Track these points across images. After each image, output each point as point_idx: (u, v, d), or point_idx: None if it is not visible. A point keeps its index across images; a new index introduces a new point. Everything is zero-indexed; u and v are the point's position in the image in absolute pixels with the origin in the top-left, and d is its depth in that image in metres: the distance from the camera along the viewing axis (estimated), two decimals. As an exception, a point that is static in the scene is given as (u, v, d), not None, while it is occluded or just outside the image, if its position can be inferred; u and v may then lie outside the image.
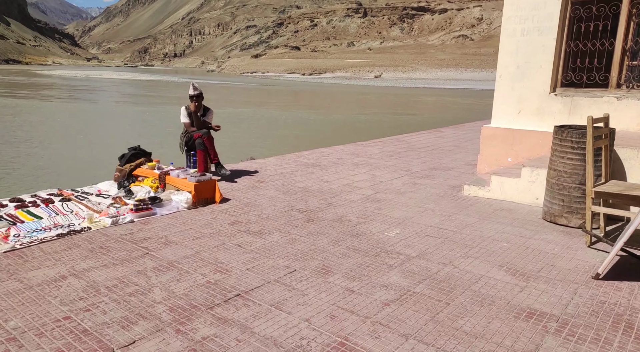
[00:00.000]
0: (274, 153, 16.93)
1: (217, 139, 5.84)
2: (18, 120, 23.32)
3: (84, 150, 15.63)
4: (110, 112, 29.98)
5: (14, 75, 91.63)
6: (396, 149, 8.03)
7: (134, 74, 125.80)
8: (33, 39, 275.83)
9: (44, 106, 32.01)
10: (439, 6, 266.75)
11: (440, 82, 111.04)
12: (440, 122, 26.95)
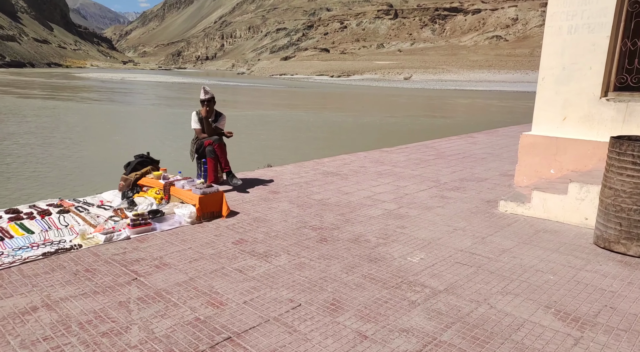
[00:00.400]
0: (300, 156, 16.59)
1: (243, 141, 5.53)
2: (55, 122, 24.00)
3: (114, 152, 15.79)
4: (144, 114, 30.50)
5: (55, 78, 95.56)
6: (424, 157, 7.48)
7: (167, 76, 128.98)
8: (74, 43, 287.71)
9: (81, 108, 32.93)
10: (472, 6, 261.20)
11: (472, 83, 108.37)
12: (472, 126, 25.91)
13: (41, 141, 17.05)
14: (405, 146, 8.62)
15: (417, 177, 5.95)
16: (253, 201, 4.66)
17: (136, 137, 19.40)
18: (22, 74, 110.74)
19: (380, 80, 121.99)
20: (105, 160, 13.78)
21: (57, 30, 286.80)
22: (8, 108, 30.50)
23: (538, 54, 61.92)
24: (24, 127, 21.75)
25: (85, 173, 12.14)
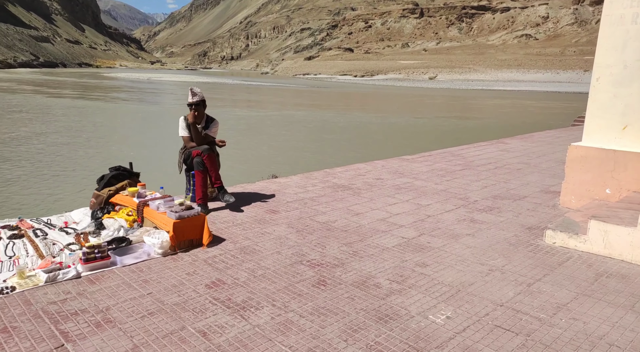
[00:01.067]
0: (322, 158, 15.86)
1: (264, 142, 4.82)
2: (83, 121, 24.07)
3: (137, 151, 15.48)
4: (167, 114, 30.46)
5: (85, 78, 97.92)
6: (449, 167, 6.62)
7: (192, 76, 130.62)
8: (104, 43, 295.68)
9: (108, 107, 33.16)
10: (501, 5, 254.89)
11: (500, 83, 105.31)
12: (502, 129, 24.54)
13: (68, 140, 16.91)
14: (429, 154, 7.75)
15: (442, 194, 5.11)
16: (245, 224, 3.94)
17: (155, 138, 19.10)
18: (54, 74, 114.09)
19: (405, 80, 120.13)
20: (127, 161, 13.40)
21: (88, 31, 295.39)
22: (39, 107, 30.96)
23: (569, 53, 59.38)
24: (52, 126, 21.83)
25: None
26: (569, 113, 35.53)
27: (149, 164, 13.42)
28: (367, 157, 16.36)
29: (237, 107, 37.62)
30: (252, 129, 23.24)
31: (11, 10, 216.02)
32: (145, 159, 13.90)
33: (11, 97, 39.90)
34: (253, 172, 12.59)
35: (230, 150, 16.23)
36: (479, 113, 35.91)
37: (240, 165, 14.27)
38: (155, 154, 15.32)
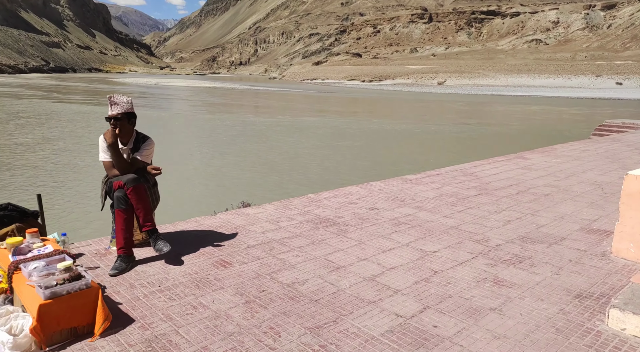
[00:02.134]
0: (332, 167, 14.73)
1: (274, 149, 3.71)
2: (89, 128, 23.29)
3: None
4: (175, 120, 29.65)
5: (91, 82, 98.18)
6: (461, 191, 5.45)
7: (200, 81, 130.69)
8: (114, 49, 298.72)
9: (95, 111, 32.50)
10: (511, 10, 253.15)
11: (510, 88, 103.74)
12: (519, 137, 23.22)
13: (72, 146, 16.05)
14: (436, 172, 6.58)
15: (453, 232, 3.95)
16: (176, 288, 2.81)
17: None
18: (63, 79, 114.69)
19: (413, 85, 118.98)
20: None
21: (99, 37, 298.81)
22: (45, 112, 30.34)
23: (580, 58, 58.28)
24: (56, 132, 21.02)
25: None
26: (586, 120, 34.08)
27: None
28: (376, 166, 15.25)
29: (243, 112, 36.73)
30: (258, 136, 22.27)
31: (24, 16, 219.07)
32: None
33: (18, 102, 39.51)
34: (238, 191, 11.52)
35: (221, 164, 15.19)
36: (492, 119, 34.60)
37: (227, 183, 13.21)
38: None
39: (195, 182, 13.06)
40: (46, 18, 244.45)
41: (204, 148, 18.95)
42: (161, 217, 3.90)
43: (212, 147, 19.16)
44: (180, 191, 11.68)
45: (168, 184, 11.89)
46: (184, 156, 16.84)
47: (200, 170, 14.73)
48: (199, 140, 21.49)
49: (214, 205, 10.15)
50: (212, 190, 12.27)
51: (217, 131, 24.23)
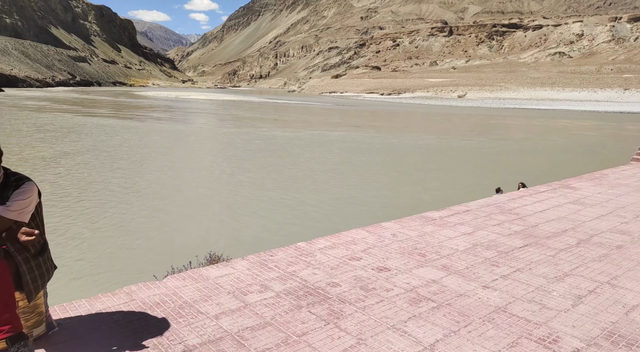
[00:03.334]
0: (353, 182, 13.47)
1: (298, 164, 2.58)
2: (109, 141, 22.79)
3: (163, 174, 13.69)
4: (190, 134, 29.06)
5: (121, 96, 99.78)
6: (501, 239, 4.12)
7: (220, 94, 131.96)
8: (138, 63, 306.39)
9: (133, 126, 32.14)
10: (533, 23, 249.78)
11: (533, 102, 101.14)
12: (557, 155, 21.47)
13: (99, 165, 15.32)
14: (465, 207, 5.27)
15: (501, 321, 2.64)
16: None
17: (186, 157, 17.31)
18: (88, 92, 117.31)
19: (433, 98, 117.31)
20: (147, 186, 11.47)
21: (124, 52, 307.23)
22: (69, 126, 30.18)
23: (606, 71, 55.95)
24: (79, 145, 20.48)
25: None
26: (623, 135, 31.92)
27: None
28: (396, 184, 13.97)
29: (261, 125, 35.93)
30: (274, 151, 21.26)
31: (54, 32, 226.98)
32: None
33: (43, 115, 39.78)
34: (235, 224, 10.31)
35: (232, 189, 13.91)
36: (522, 133, 32.86)
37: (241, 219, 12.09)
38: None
39: (201, 209, 12.01)
40: (75, 34, 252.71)
41: (215, 168, 17.99)
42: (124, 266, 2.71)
43: (221, 166, 18.19)
44: (179, 221, 10.64)
45: (173, 211, 10.79)
46: (197, 173, 15.91)
47: (210, 194, 13.70)
48: (208, 158, 20.59)
49: (210, 242, 9.04)
50: (211, 217, 11.19)
51: (232, 146, 23.36)
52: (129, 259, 8.61)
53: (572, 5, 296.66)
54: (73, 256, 8.49)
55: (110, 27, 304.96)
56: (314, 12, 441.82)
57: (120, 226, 10.44)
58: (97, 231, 10.04)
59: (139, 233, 9.99)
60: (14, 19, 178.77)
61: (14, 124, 30.69)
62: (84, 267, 8.05)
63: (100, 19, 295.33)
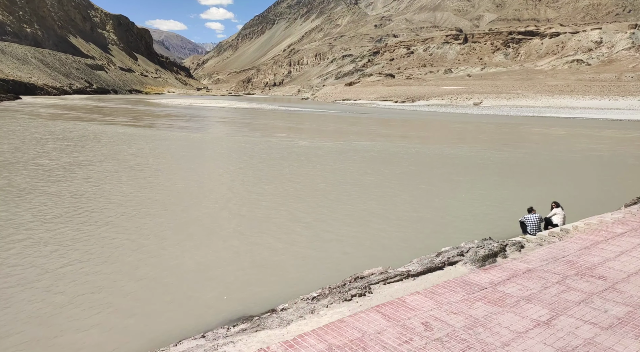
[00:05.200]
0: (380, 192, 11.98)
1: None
2: (129, 149, 21.85)
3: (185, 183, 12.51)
4: (208, 143, 28.11)
5: (136, 104, 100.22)
6: (601, 335, 2.67)
7: (233, 102, 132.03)
8: (154, 71, 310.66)
9: (150, 135, 31.33)
10: (550, 30, 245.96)
11: (552, 110, 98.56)
12: (598, 169, 19.64)
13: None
14: (525, 264, 3.84)
15: None
16: None
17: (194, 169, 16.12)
18: (104, 100, 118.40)
19: (448, 105, 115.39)
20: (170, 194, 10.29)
21: (141, 60, 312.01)
22: (86, 134, 29.57)
23: (627, 79, 53.07)
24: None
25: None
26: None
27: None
28: (424, 199, 12.43)
29: (273, 134, 34.85)
30: (299, 160, 19.99)
31: (72, 41, 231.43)
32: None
33: (60, 124, 39.39)
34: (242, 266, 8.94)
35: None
36: (550, 145, 31.02)
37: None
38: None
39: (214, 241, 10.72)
40: (93, 42, 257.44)
41: (223, 186, 16.75)
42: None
43: (229, 186, 16.93)
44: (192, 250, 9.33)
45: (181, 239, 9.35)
46: (219, 189, 14.69)
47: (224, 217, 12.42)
48: (227, 170, 19.38)
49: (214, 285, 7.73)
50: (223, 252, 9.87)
51: (251, 156, 22.17)
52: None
53: (590, 13, 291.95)
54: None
55: (127, 36, 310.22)
56: (328, 20, 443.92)
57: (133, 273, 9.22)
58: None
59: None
60: (34, 29, 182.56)
61: (32, 132, 30.18)
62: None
63: (118, 28, 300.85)
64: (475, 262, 7.01)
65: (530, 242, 8.28)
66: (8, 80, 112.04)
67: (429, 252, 7.94)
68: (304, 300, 6.19)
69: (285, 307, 6.01)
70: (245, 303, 7.01)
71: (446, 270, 6.78)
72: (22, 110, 57.64)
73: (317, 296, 6.15)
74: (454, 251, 7.46)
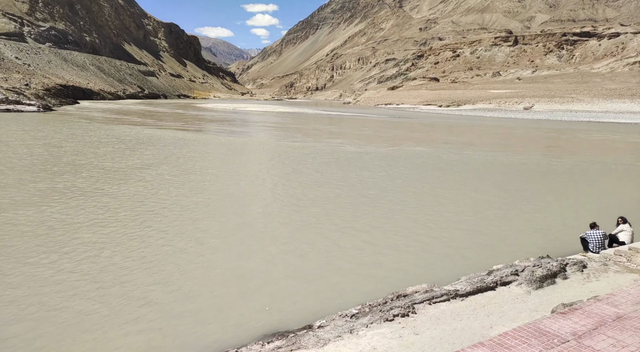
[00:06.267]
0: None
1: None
2: (179, 152, 22.64)
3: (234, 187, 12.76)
4: (256, 146, 28.63)
5: (185, 109, 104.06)
6: None
7: (275, 106, 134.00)
8: (202, 77, 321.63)
9: (201, 139, 32.33)
10: (609, 31, 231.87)
11: (610, 115, 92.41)
12: None
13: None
14: (614, 309, 3.29)
15: None
16: None
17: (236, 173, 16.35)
18: (154, 104, 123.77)
19: (495, 110, 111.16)
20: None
21: (189, 66, 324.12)
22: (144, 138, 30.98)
23: (696, 82, 45.84)
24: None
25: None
26: None
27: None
28: (474, 212, 11.53)
29: (318, 139, 34.82)
30: (348, 166, 19.76)
31: (127, 48, 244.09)
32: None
33: (116, 127, 41.53)
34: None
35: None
36: (612, 152, 28.89)
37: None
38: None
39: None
40: (145, 50, 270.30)
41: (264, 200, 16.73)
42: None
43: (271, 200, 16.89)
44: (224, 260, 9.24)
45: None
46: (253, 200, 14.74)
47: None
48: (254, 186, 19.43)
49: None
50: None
51: (301, 162, 22.15)
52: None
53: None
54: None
55: (177, 43, 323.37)
56: (372, 24, 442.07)
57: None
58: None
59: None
60: (93, 37, 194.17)
61: (90, 135, 31.85)
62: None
63: (169, 35, 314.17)
64: (532, 283, 6.38)
65: (593, 262, 7.49)
66: (68, 85, 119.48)
67: (479, 270, 7.35)
68: (342, 317, 5.83)
69: (323, 324, 5.68)
70: (283, 315, 6.75)
71: (498, 291, 6.20)
72: (79, 114, 61.10)
73: (357, 313, 5.78)
74: (508, 269, 6.84)
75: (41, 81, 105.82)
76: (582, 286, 6.15)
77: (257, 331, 6.19)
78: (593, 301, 3.16)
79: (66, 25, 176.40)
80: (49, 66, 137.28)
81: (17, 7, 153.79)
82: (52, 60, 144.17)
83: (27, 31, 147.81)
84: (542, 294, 6.04)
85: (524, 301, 5.78)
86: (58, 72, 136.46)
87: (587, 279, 6.13)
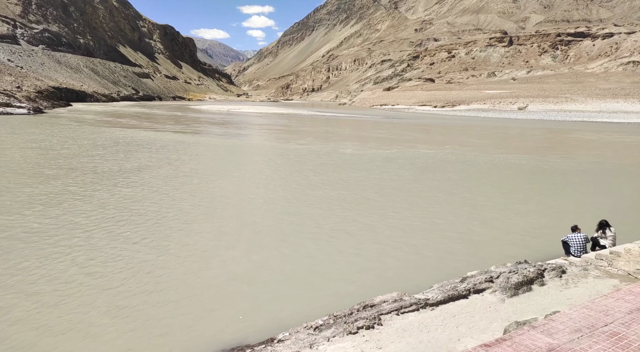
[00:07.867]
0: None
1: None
2: (176, 155, 22.30)
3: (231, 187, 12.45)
4: (251, 149, 28.30)
5: (179, 111, 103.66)
6: None
7: (270, 107, 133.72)
8: (197, 78, 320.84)
9: (196, 142, 32.02)
10: (602, 31, 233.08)
11: (604, 115, 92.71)
12: None
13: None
14: (547, 347, 2.98)
15: None
16: None
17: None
18: (149, 106, 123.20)
19: (490, 110, 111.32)
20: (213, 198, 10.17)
21: (185, 68, 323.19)
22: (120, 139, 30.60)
23: (689, 83, 45.75)
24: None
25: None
26: None
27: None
28: (466, 214, 11.27)
29: (314, 141, 34.54)
30: (345, 169, 19.46)
31: (121, 50, 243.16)
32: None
33: (109, 130, 41.14)
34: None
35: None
36: (607, 151, 28.78)
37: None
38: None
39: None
40: (140, 51, 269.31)
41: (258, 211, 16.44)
42: None
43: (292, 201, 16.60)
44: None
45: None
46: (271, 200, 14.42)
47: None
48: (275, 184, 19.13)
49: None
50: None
51: (299, 165, 21.87)
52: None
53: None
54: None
55: (173, 45, 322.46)
56: (367, 25, 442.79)
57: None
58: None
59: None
60: (87, 39, 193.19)
61: (91, 138, 31.46)
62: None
63: (164, 37, 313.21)
64: (507, 290, 6.10)
65: (573, 266, 7.22)
66: (61, 88, 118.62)
67: (457, 276, 7.08)
68: (306, 328, 5.54)
69: (285, 337, 5.39)
70: (250, 325, 6.45)
71: (471, 299, 5.93)
72: (70, 116, 60.55)
73: (321, 325, 5.50)
74: (482, 276, 6.55)
75: (33, 83, 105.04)
76: (559, 293, 5.89)
77: (217, 346, 5.89)
78: (528, 328, 2.87)
79: (60, 27, 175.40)
80: (42, 68, 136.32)
81: (9, 9, 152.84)
82: (45, 62, 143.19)
83: (20, 33, 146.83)
84: (516, 302, 5.78)
85: (496, 310, 5.51)
86: (51, 75, 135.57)
87: (565, 286, 5.86)
